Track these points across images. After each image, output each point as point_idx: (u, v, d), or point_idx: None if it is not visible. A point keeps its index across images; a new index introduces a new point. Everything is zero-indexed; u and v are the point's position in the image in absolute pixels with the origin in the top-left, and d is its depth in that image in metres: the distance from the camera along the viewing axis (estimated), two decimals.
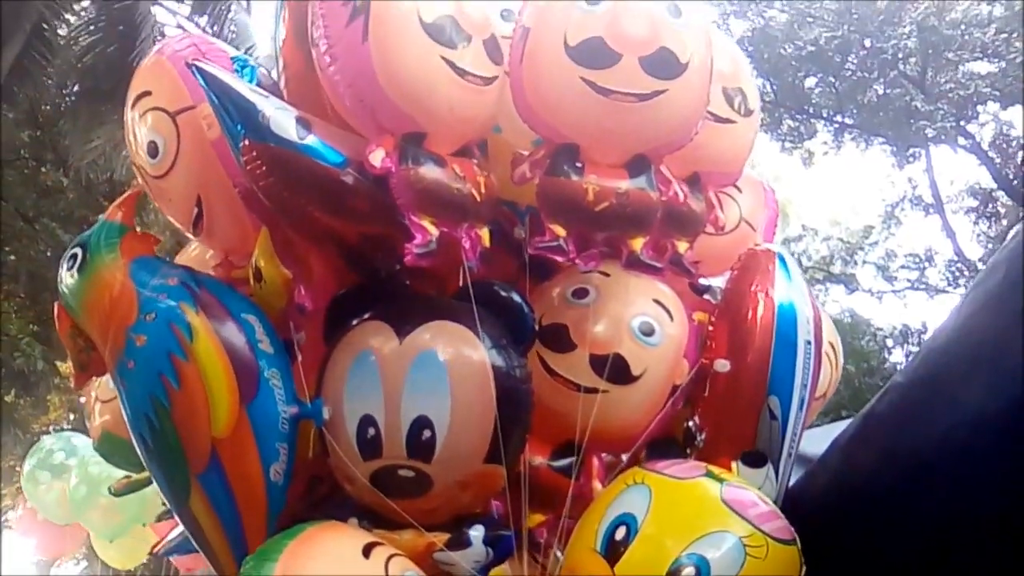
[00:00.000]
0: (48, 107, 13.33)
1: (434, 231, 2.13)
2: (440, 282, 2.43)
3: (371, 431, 2.15)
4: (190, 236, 2.55)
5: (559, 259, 2.33)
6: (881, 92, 14.33)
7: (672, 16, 2.27)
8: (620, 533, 2.17)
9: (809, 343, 2.54)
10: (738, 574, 2.01)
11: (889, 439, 1.92)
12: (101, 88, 10.85)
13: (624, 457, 2.54)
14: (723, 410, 2.58)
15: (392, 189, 2.11)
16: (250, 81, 2.25)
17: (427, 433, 2.12)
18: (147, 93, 2.39)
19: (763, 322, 2.57)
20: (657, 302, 2.60)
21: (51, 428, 15.21)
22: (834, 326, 3.21)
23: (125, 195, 2.42)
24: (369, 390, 2.17)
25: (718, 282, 2.80)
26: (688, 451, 2.70)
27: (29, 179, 14.23)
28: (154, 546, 2.79)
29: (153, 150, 2.34)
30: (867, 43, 13.94)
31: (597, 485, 2.50)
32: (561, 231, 2.30)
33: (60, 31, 11.96)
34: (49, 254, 13.28)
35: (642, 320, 2.52)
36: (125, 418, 2.17)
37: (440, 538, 2.14)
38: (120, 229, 2.27)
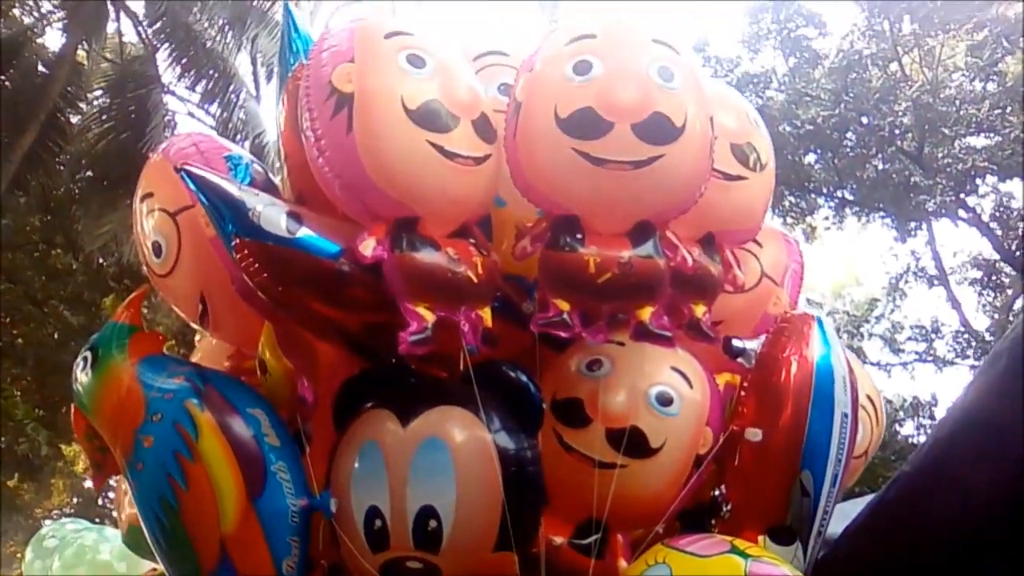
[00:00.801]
0: (60, 192, 13.35)
1: (430, 317, 2.08)
2: (451, 362, 2.37)
3: (378, 522, 2.09)
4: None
5: (563, 335, 2.26)
6: (880, 168, 14.35)
7: (663, 80, 2.20)
8: None
9: (846, 416, 2.37)
10: None
11: (898, 529, 1.79)
12: (112, 174, 11.12)
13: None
14: (752, 481, 2.43)
15: (385, 277, 2.08)
16: (243, 179, 2.27)
17: (433, 523, 2.05)
18: (150, 194, 2.44)
19: (798, 392, 2.41)
20: (675, 369, 2.48)
21: (54, 513, 15.31)
22: (872, 380, 3.03)
23: (132, 296, 2.47)
24: (375, 480, 2.11)
25: (753, 345, 2.67)
26: (713, 521, 2.57)
27: (39, 262, 14.26)
28: None
29: (157, 249, 2.38)
30: (864, 120, 14.01)
31: (622, 563, 2.38)
32: (565, 305, 2.23)
33: (73, 119, 12.30)
34: (56, 337, 13.43)
35: (659, 390, 2.40)
36: (139, 516, 2.18)
37: None
38: (128, 330, 2.31)
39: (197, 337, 2.96)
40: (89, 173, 12.25)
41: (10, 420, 12.63)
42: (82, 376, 2.27)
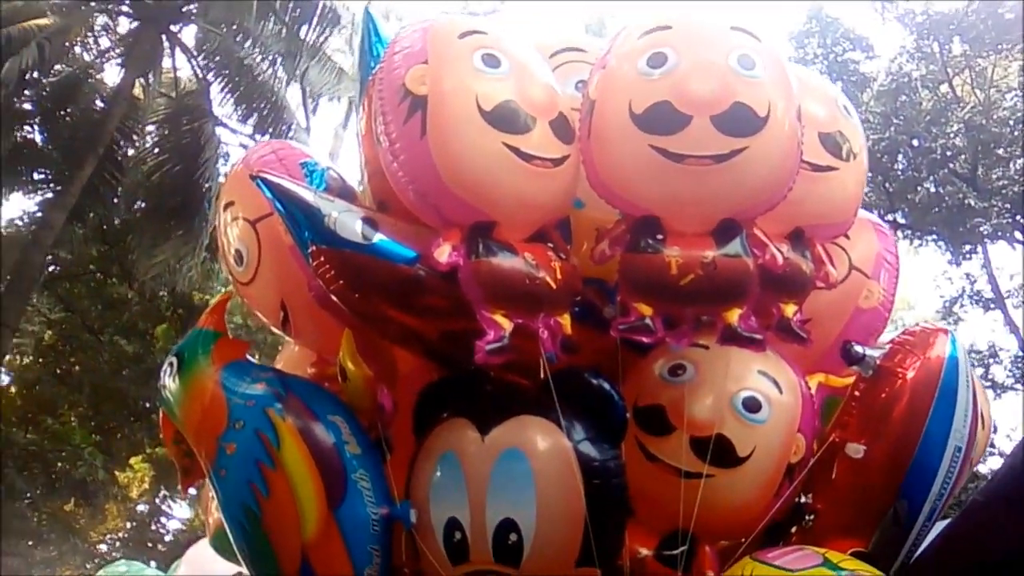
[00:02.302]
0: (116, 223, 13.43)
1: (507, 325, 1.98)
2: (530, 370, 2.26)
3: (457, 534, 1.99)
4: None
5: (646, 340, 2.13)
6: (932, 191, 13.53)
7: (744, 68, 2.03)
8: None
9: (959, 450, 2.17)
10: None
11: (971, 557, 1.61)
12: (167, 205, 11.35)
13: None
14: (844, 498, 2.25)
15: (461, 284, 1.99)
16: (318, 185, 2.22)
17: (513, 537, 1.94)
18: (231, 203, 2.41)
19: (912, 414, 2.24)
20: (763, 373, 2.30)
21: (108, 537, 15.41)
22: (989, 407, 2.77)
23: (215, 301, 2.45)
24: (454, 492, 2.02)
25: (874, 353, 2.42)
26: (792, 530, 2.39)
27: (95, 292, 14.38)
28: None
29: (239, 258, 2.35)
30: (915, 143, 13.22)
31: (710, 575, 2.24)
32: (647, 309, 2.09)
33: (129, 151, 12.47)
34: (111, 365, 13.41)
35: (746, 395, 2.24)
36: (223, 520, 2.16)
37: None
38: (213, 335, 2.28)
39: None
40: (144, 204, 12.46)
41: (68, 445, 12.80)
42: (169, 382, 2.25)
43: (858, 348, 2.40)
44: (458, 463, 2.05)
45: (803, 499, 2.30)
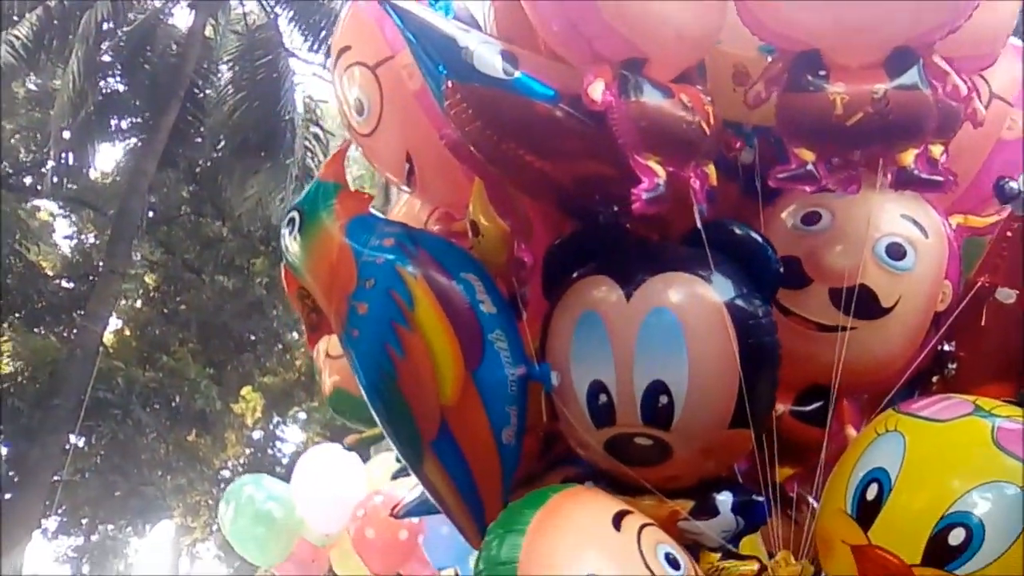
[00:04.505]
0: (205, 164, 13.65)
1: (662, 172, 1.74)
2: (663, 225, 2.05)
3: (602, 397, 1.84)
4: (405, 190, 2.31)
5: (808, 189, 1.90)
6: None
7: None
8: (872, 492, 1.76)
9: None
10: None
11: None
12: (251, 141, 11.37)
13: None
14: (992, 344, 2.07)
15: (613, 126, 1.73)
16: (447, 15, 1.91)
17: (664, 399, 1.79)
18: (347, 48, 2.10)
19: None
20: (907, 217, 2.09)
21: (229, 464, 16.04)
22: None
23: (335, 152, 2.19)
24: (597, 353, 1.85)
25: None
26: (933, 380, 2.26)
27: (192, 233, 14.69)
28: (392, 508, 2.71)
29: (359, 108, 2.07)
30: None
31: (851, 431, 2.13)
32: (809, 155, 1.84)
33: (208, 92, 12.60)
34: (214, 302, 13.95)
35: (889, 241, 2.04)
36: (358, 384, 2.02)
37: (684, 506, 1.86)
38: (334, 188, 2.04)
39: None
40: (229, 142, 12.44)
41: (184, 379, 13.17)
42: (290, 239, 2.03)
43: (1013, 184, 2.17)
44: (601, 323, 1.86)
45: (945, 347, 2.15)
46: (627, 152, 1.72)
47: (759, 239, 1.91)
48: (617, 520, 1.70)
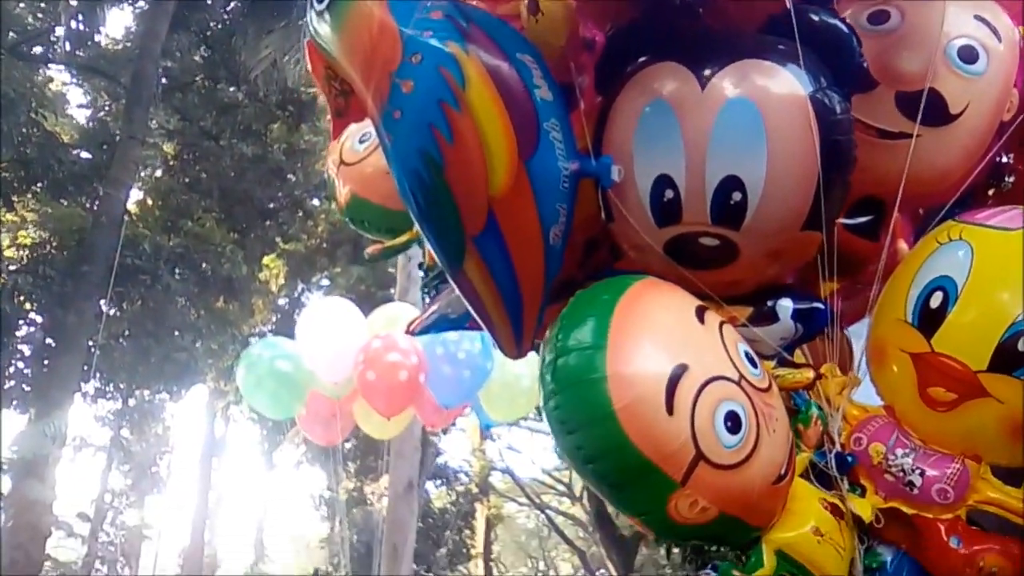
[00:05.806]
0: (217, 25, 13.07)
1: None
2: (734, 16, 1.82)
3: (668, 193, 1.70)
4: None
5: None
6: None
7: None
8: (936, 300, 1.74)
9: None
10: None
11: None
12: None
13: None
14: None
15: None
16: None
17: (737, 196, 1.66)
18: None
19: None
20: (979, 19, 1.94)
21: (257, 329, 15.70)
22: None
23: None
24: (666, 145, 1.68)
25: None
26: (990, 193, 2.18)
27: (207, 98, 14.00)
28: (410, 324, 2.55)
29: None
30: None
31: (903, 245, 2.05)
32: None
33: None
34: (234, 169, 13.51)
35: (962, 43, 1.89)
36: (393, 174, 1.79)
37: (742, 312, 1.78)
38: None
39: None
40: (241, 1, 12.03)
41: (210, 244, 12.91)
42: (319, 6, 1.75)
43: None
44: (672, 113, 1.69)
45: (1003, 159, 2.05)
46: None
47: (844, 28, 1.73)
48: (700, 313, 1.60)
